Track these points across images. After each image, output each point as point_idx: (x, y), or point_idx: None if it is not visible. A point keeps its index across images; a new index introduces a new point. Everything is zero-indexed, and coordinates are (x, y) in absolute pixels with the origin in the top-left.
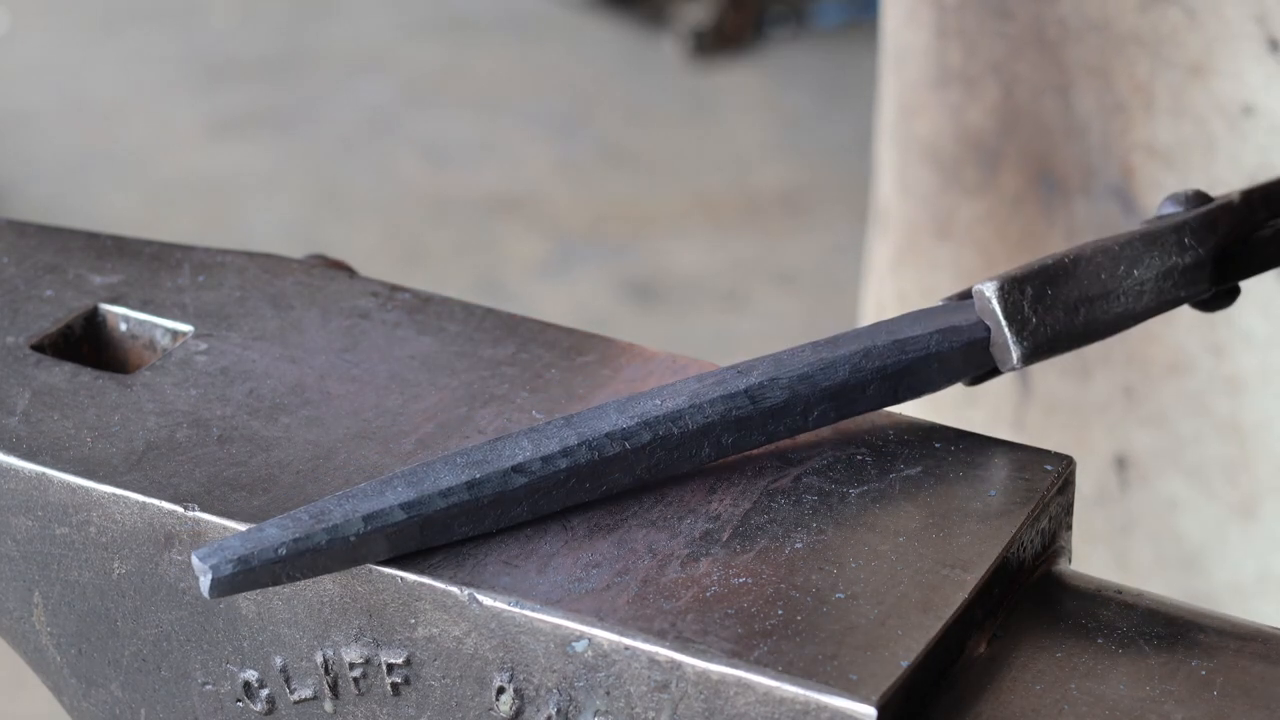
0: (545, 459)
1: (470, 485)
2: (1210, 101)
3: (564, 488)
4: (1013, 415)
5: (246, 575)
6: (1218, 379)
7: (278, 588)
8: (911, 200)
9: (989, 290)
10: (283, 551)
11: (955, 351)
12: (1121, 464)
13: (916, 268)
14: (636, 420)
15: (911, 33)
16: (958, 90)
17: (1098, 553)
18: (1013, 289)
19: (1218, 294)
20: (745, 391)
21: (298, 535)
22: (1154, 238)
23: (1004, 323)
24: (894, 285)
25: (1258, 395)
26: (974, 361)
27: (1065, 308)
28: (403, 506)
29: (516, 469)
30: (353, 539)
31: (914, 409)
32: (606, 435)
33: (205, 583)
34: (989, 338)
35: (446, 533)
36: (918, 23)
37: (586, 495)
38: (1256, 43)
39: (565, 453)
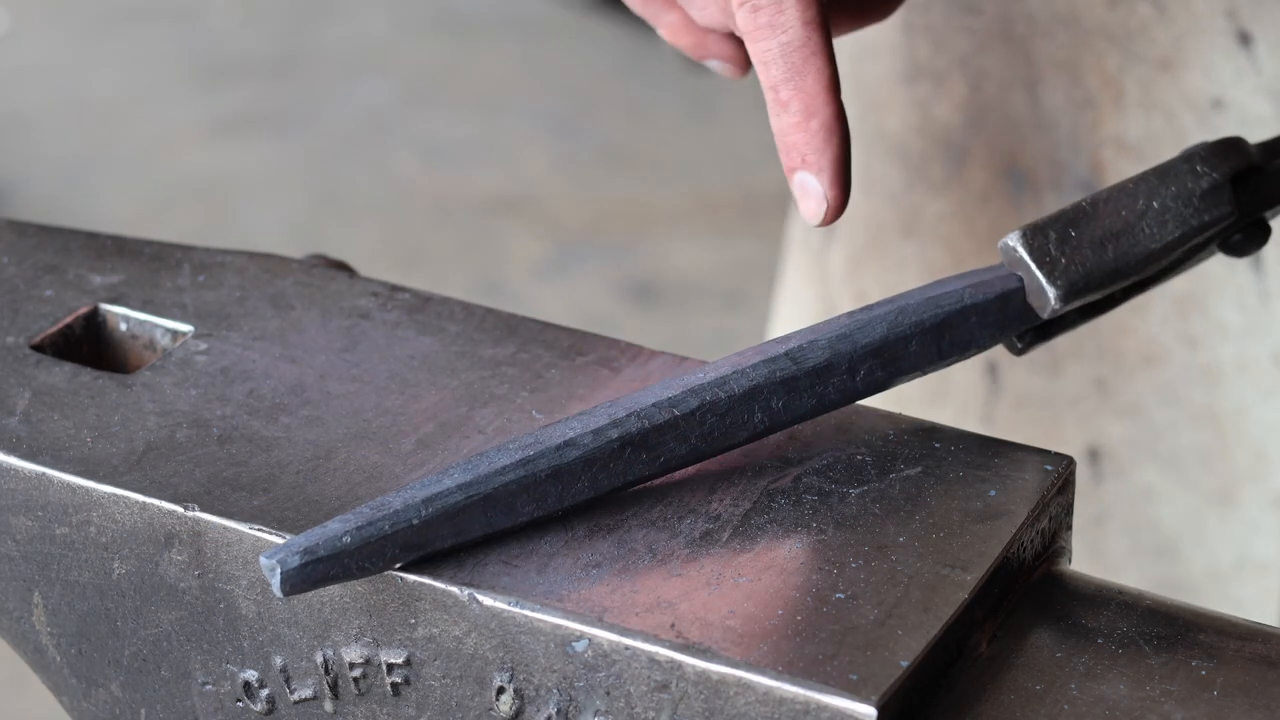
0: (596, 431)
1: (524, 463)
2: (1180, 95)
3: (620, 459)
4: (981, 410)
5: (315, 566)
6: (1193, 369)
7: None
8: (875, 199)
9: (1013, 240)
10: (348, 540)
11: (991, 301)
12: (1095, 456)
13: (881, 266)
14: (682, 389)
15: (877, 29)
16: (925, 86)
17: (1071, 545)
18: (1036, 235)
19: (1247, 233)
20: (786, 354)
21: (360, 524)
22: (1166, 170)
23: (1034, 267)
24: (854, 285)
25: (1234, 384)
26: (1012, 313)
27: (1092, 245)
28: (459, 488)
29: (568, 443)
30: (416, 523)
31: (887, 404)
32: (653, 405)
33: (275, 580)
34: (1023, 287)
35: (511, 513)
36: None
37: (645, 467)
38: (1226, 36)
39: (615, 424)
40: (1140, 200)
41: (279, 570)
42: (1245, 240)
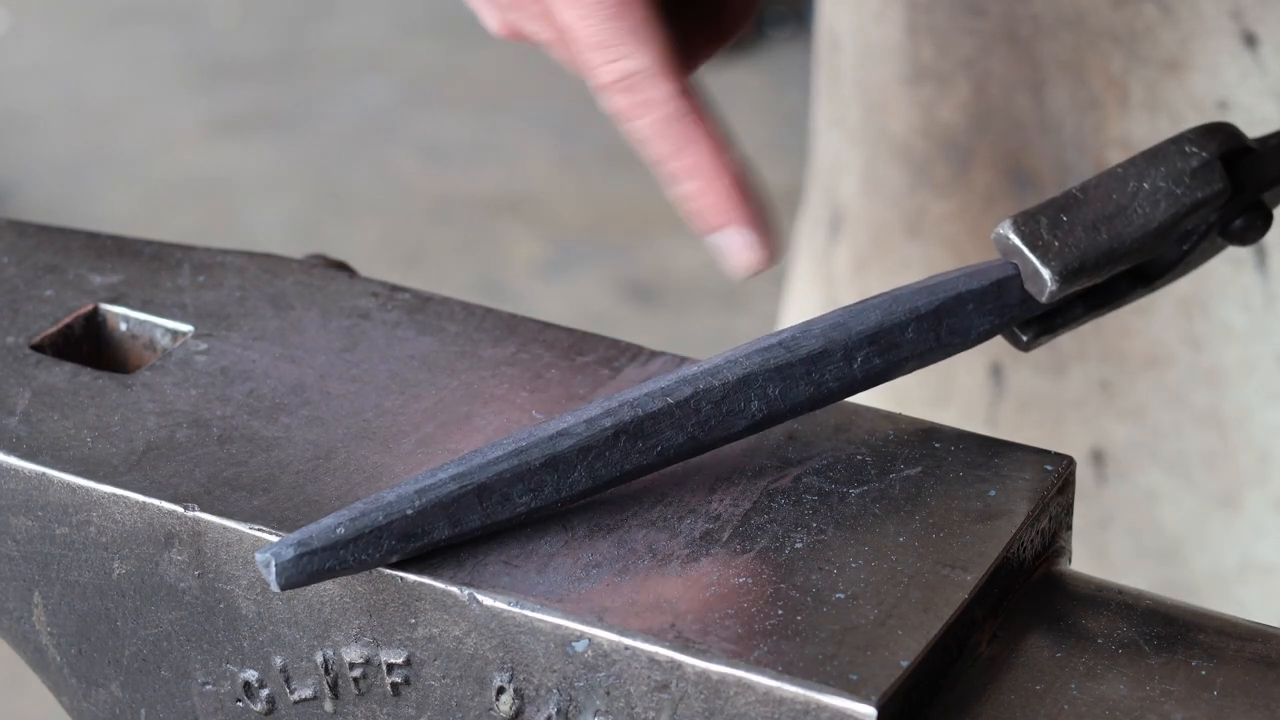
0: (589, 420)
1: (517, 452)
2: (1185, 97)
3: (615, 448)
4: (986, 413)
5: (310, 558)
6: (1197, 371)
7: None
8: (879, 200)
9: (1005, 227)
10: (341, 531)
11: (987, 288)
12: (1098, 458)
13: (885, 268)
14: (675, 379)
15: (881, 30)
16: (929, 87)
17: (1075, 547)
18: (1027, 221)
19: (1247, 218)
20: (780, 343)
21: (354, 516)
22: (1155, 153)
23: (1027, 252)
24: (858, 286)
25: (1239, 387)
26: (1010, 299)
27: (1085, 228)
28: (453, 478)
29: (562, 433)
30: (410, 513)
31: (888, 404)
32: (647, 394)
33: (271, 575)
34: (1019, 274)
35: (508, 504)
36: (887, 20)
37: (642, 456)
38: (1232, 38)
39: (608, 413)
40: (1130, 183)
41: (274, 563)
42: (1246, 226)
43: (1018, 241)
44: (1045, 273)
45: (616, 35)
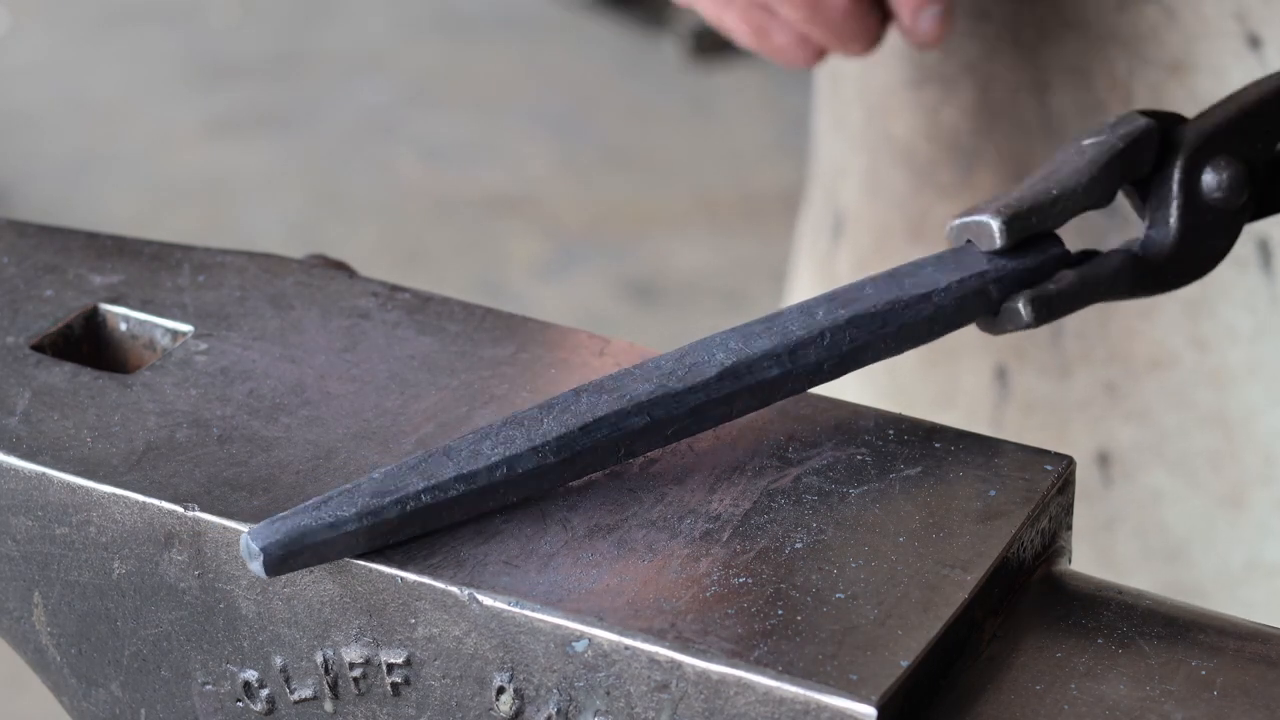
0: (552, 402)
1: (476, 432)
2: (1190, 99)
3: (580, 401)
4: (990, 415)
5: (292, 539)
6: (1202, 373)
7: (278, 588)
8: (882, 203)
9: (951, 220)
10: (327, 517)
11: (943, 254)
12: (1104, 460)
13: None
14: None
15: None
16: (933, 90)
17: (1080, 549)
18: (969, 209)
19: (1218, 165)
20: (738, 329)
21: (329, 496)
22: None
23: (970, 216)
24: None
25: (1244, 387)
26: (969, 258)
27: (1026, 187)
28: (419, 452)
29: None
30: (377, 475)
31: (891, 404)
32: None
33: (257, 565)
34: (972, 245)
35: (479, 457)
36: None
37: (613, 404)
38: (1236, 40)
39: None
40: (1061, 152)
41: (260, 555)
42: (1226, 181)
43: (962, 217)
44: (986, 216)
45: None
